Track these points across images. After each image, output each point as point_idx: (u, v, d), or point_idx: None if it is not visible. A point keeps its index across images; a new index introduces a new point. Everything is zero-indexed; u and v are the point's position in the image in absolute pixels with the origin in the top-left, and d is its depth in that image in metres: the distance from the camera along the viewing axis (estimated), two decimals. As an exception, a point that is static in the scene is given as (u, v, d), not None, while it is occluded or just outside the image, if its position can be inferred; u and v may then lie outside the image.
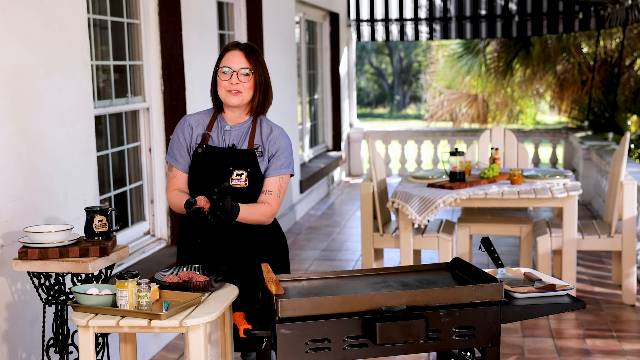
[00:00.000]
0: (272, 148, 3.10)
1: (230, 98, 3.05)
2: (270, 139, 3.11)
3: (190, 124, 3.16)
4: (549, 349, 4.47)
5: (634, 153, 10.32)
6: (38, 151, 3.51)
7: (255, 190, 3.08)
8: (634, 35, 12.58)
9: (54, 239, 3.05)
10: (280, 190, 3.10)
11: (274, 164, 3.10)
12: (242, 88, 3.05)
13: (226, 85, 3.05)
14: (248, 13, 6.95)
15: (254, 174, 3.06)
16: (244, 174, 3.05)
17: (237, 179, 3.05)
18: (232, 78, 3.04)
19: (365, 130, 11.65)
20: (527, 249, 5.59)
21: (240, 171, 3.05)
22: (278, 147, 3.11)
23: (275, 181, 3.09)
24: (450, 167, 5.35)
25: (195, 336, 2.60)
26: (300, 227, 8.00)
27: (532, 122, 18.02)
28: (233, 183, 3.05)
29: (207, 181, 3.07)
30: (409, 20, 11.09)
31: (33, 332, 3.45)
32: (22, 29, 3.39)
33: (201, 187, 3.08)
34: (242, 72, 3.04)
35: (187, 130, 3.15)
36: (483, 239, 3.10)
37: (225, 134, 3.12)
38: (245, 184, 3.05)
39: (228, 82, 3.04)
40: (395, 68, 31.24)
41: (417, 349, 2.59)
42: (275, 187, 3.09)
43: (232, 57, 3.06)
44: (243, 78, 3.04)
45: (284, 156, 3.11)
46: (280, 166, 3.10)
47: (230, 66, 3.04)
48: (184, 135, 3.15)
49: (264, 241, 3.15)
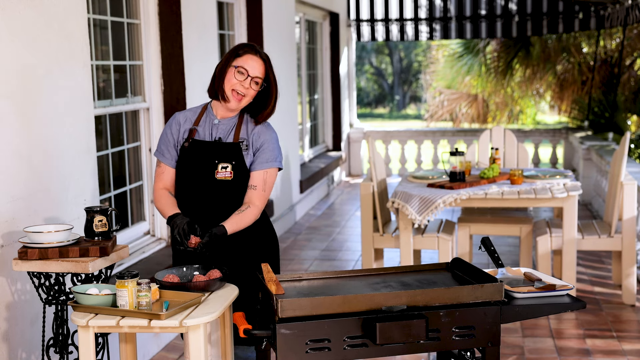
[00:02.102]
0: (257, 142, 3.13)
1: (232, 99, 3.08)
2: (254, 132, 3.14)
3: (178, 120, 3.21)
4: (549, 349, 4.47)
5: (634, 153, 10.32)
6: (38, 151, 3.51)
7: (240, 182, 3.11)
8: (634, 35, 12.57)
9: (54, 239, 3.05)
10: (265, 184, 3.12)
11: (260, 158, 3.12)
12: (248, 94, 3.09)
13: (235, 84, 3.07)
14: (248, 13, 6.95)
15: (239, 167, 3.09)
16: (229, 167, 3.08)
17: (222, 171, 3.08)
18: (245, 81, 3.06)
19: (365, 130, 11.65)
20: (527, 249, 5.59)
21: (225, 164, 3.08)
22: (263, 141, 3.13)
23: (260, 175, 3.11)
24: (450, 167, 5.35)
25: (195, 336, 2.60)
26: (300, 227, 8.00)
27: (532, 122, 18.02)
28: (218, 176, 3.08)
29: (193, 174, 3.11)
30: (409, 20, 11.10)
31: (33, 332, 3.45)
32: (22, 29, 3.39)
33: (187, 180, 3.12)
34: (256, 81, 3.08)
35: (175, 126, 3.20)
36: (483, 239, 3.10)
37: (213, 127, 3.16)
38: (230, 177, 3.09)
39: (240, 83, 3.07)
40: (395, 68, 31.23)
41: (417, 349, 2.59)
42: (260, 181, 3.11)
43: (252, 62, 3.09)
44: (254, 86, 3.09)
45: (269, 150, 3.13)
46: (265, 160, 3.12)
47: (248, 70, 3.07)
48: (172, 130, 3.19)
49: (253, 234, 3.18)
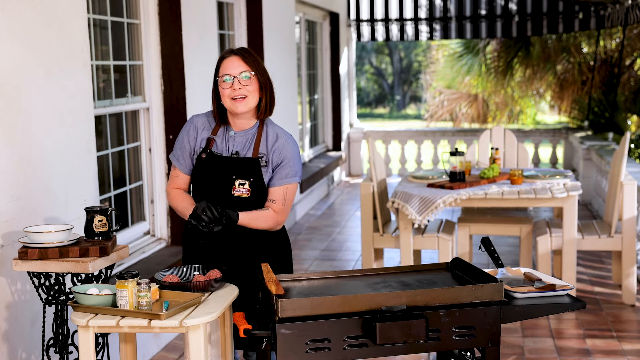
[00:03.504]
0: (277, 158, 3.02)
1: (237, 105, 2.96)
2: (275, 148, 3.02)
3: (196, 126, 3.08)
4: (549, 349, 4.47)
5: (634, 153, 10.32)
6: (38, 151, 3.51)
7: (257, 200, 3.01)
8: (634, 35, 12.57)
9: (54, 239, 3.05)
10: (285, 199, 3.02)
11: (279, 174, 3.01)
12: (246, 92, 2.95)
13: (229, 93, 2.95)
14: (248, 13, 6.95)
15: (257, 184, 2.99)
16: (246, 184, 2.98)
17: (240, 188, 2.98)
18: (234, 84, 2.94)
19: (365, 130, 11.65)
20: (527, 249, 5.59)
21: (242, 180, 2.98)
22: (283, 157, 3.02)
23: (280, 191, 3.01)
24: (450, 167, 5.35)
25: (195, 336, 2.60)
26: (300, 227, 8.00)
27: (532, 122, 18.02)
28: (235, 192, 2.98)
29: (209, 188, 3.02)
30: (409, 20, 11.10)
31: (33, 332, 3.45)
32: (22, 29, 3.39)
33: (203, 193, 3.04)
34: (243, 76, 2.95)
35: (193, 133, 3.08)
36: (483, 239, 3.09)
37: (229, 139, 3.04)
38: (248, 194, 2.99)
39: (230, 89, 2.95)
40: (395, 68, 31.23)
41: (417, 349, 2.59)
42: (280, 197, 3.01)
43: (229, 64, 2.96)
44: (245, 82, 2.95)
45: (289, 166, 3.02)
46: (285, 176, 3.02)
47: (230, 73, 2.95)
48: (189, 138, 3.08)
49: (268, 245, 3.11)
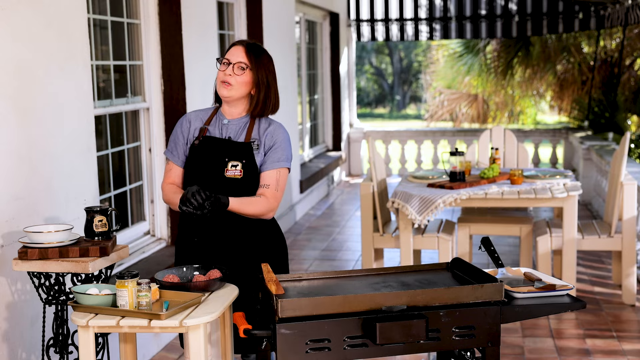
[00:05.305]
0: (269, 141, 3.09)
1: (221, 89, 3.07)
2: (267, 132, 3.10)
3: (189, 119, 3.20)
4: (549, 349, 4.47)
5: (634, 153, 10.32)
6: (38, 151, 3.51)
7: (250, 182, 3.06)
8: (634, 35, 12.58)
9: (54, 239, 3.05)
10: (278, 184, 3.06)
11: (271, 157, 3.07)
12: (233, 81, 3.04)
13: (220, 76, 3.08)
14: (248, 13, 6.95)
15: (249, 166, 3.05)
16: (238, 165, 3.04)
17: (232, 169, 3.04)
18: (227, 69, 3.06)
19: (365, 130, 11.65)
20: (527, 249, 5.58)
21: (235, 162, 3.04)
22: (275, 140, 3.09)
23: (272, 175, 3.06)
24: (450, 167, 5.35)
25: (195, 336, 2.60)
26: (300, 227, 8.00)
27: (532, 122, 18.02)
28: (228, 174, 3.04)
29: (202, 171, 3.07)
30: (409, 20, 11.10)
31: (33, 332, 3.45)
32: (22, 29, 3.39)
33: (196, 177, 3.08)
34: (238, 66, 3.05)
35: (186, 124, 3.19)
36: (483, 239, 3.09)
37: (222, 127, 3.13)
38: (240, 175, 3.04)
39: (223, 72, 3.07)
40: (395, 68, 31.22)
41: (417, 349, 2.59)
42: (273, 181, 3.06)
43: (233, 51, 3.09)
44: (237, 71, 3.04)
45: (281, 149, 3.08)
46: (277, 159, 3.07)
47: (230, 59, 3.07)
48: (182, 129, 3.18)
49: (262, 240, 3.13)
